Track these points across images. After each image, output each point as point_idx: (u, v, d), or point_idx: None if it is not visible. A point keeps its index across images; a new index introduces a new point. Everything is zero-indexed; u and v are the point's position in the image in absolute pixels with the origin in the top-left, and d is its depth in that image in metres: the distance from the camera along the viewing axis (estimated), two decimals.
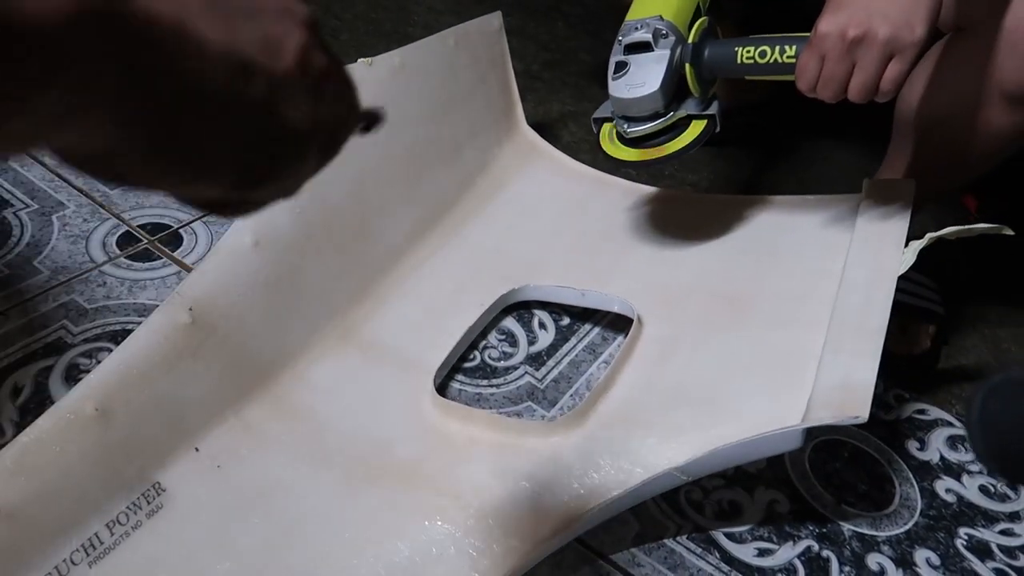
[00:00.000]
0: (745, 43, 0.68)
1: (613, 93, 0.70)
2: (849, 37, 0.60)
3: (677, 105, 0.71)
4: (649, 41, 0.69)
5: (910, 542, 0.66)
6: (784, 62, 0.66)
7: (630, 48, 0.70)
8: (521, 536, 0.59)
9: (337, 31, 1.34)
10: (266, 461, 0.62)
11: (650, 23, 0.69)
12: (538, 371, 0.77)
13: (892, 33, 0.59)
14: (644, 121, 0.71)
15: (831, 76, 0.62)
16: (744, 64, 0.68)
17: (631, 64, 0.69)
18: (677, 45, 0.69)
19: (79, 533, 0.52)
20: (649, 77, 0.68)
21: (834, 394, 0.56)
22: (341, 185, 0.76)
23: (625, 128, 0.72)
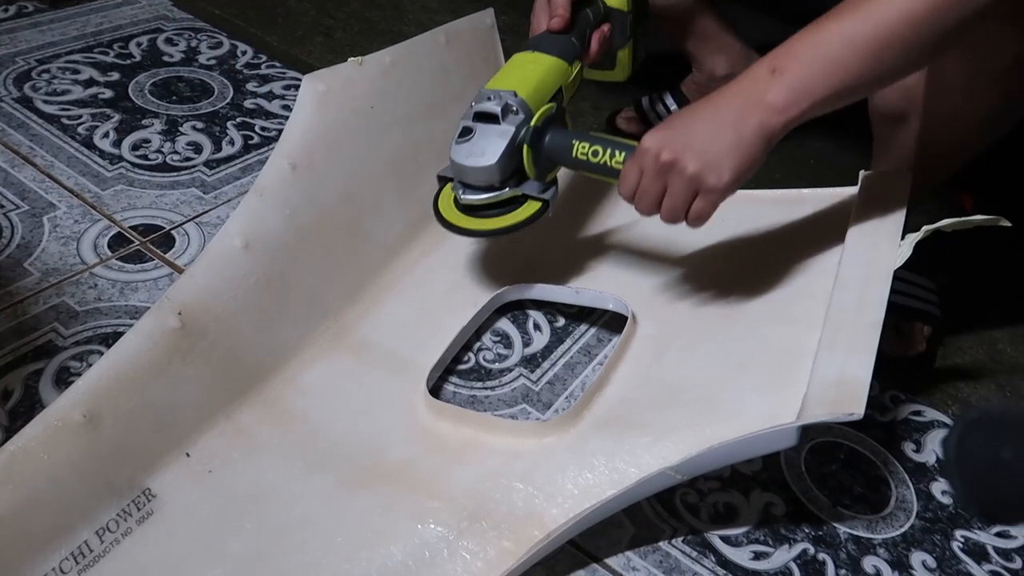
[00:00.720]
0: (583, 139, 0.68)
1: (453, 156, 0.70)
2: (662, 160, 0.61)
3: (516, 182, 0.71)
4: (497, 114, 0.69)
5: (906, 545, 0.66)
6: (612, 166, 0.67)
7: (479, 116, 0.70)
8: (515, 538, 0.58)
9: (331, 30, 1.33)
10: (258, 465, 0.62)
11: (503, 96, 0.69)
12: (533, 373, 0.76)
13: (699, 172, 0.60)
14: (479, 191, 0.70)
15: (645, 192, 0.63)
16: (578, 159, 0.69)
17: (476, 132, 0.69)
18: (524, 123, 0.69)
19: (68, 541, 0.51)
20: (489, 149, 0.68)
21: (829, 391, 0.56)
22: (332, 186, 0.75)
23: (460, 194, 0.71)
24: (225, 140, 1.01)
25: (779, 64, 0.59)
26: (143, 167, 0.94)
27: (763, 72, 0.59)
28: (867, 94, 0.62)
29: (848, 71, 0.58)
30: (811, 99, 0.58)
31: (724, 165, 0.60)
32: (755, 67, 0.60)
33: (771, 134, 0.60)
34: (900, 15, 0.56)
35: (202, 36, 1.24)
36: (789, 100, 0.58)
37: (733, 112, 0.60)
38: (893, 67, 0.59)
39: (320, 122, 0.74)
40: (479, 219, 0.72)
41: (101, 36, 1.19)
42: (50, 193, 0.88)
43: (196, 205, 0.90)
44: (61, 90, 1.05)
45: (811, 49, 0.58)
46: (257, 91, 1.12)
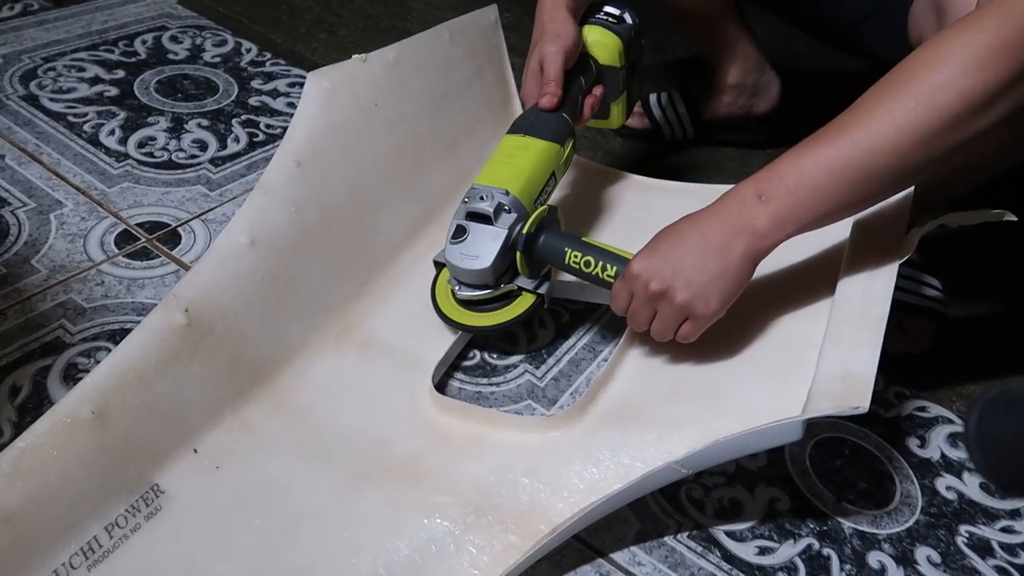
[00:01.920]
0: (575, 247, 0.69)
1: (448, 257, 0.70)
2: (651, 289, 0.63)
3: (509, 278, 0.72)
4: (490, 215, 0.69)
5: (911, 540, 0.66)
6: (603, 279, 0.69)
7: (472, 215, 0.70)
8: (521, 533, 0.59)
9: (335, 26, 1.34)
10: (265, 461, 0.62)
11: (496, 195, 0.70)
12: (538, 369, 0.76)
13: (688, 301, 0.62)
14: (474, 288, 0.72)
15: (635, 314, 0.65)
16: (570, 265, 0.70)
17: (470, 232, 0.70)
18: (517, 223, 0.70)
19: (78, 537, 0.52)
20: (483, 252, 0.69)
21: (834, 385, 0.56)
22: (337, 182, 0.75)
23: (456, 289, 0.72)
24: (230, 137, 1.01)
25: (766, 189, 0.60)
26: (149, 164, 0.95)
27: (750, 195, 0.60)
28: (853, 214, 0.64)
29: (833, 198, 0.58)
30: (797, 224, 0.60)
31: (712, 295, 0.61)
32: (742, 188, 0.61)
33: (757, 257, 0.61)
34: (885, 145, 0.55)
35: (207, 34, 1.25)
36: (775, 225, 0.59)
37: (719, 238, 0.61)
38: (878, 192, 0.60)
39: (325, 119, 0.75)
40: (476, 313, 0.73)
41: (106, 34, 1.20)
42: (57, 190, 0.89)
43: (202, 202, 0.90)
44: (67, 88, 1.06)
45: (797, 175, 0.59)
46: (262, 88, 1.13)
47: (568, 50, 0.75)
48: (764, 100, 1.08)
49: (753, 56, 1.05)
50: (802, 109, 0.63)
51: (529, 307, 0.72)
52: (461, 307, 0.74)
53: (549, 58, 0.74)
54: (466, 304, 0.73)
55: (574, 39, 0.75)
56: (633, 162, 1.09)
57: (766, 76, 1.07)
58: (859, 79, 0.76)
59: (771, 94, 1.08)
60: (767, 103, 1.09)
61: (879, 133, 0.55)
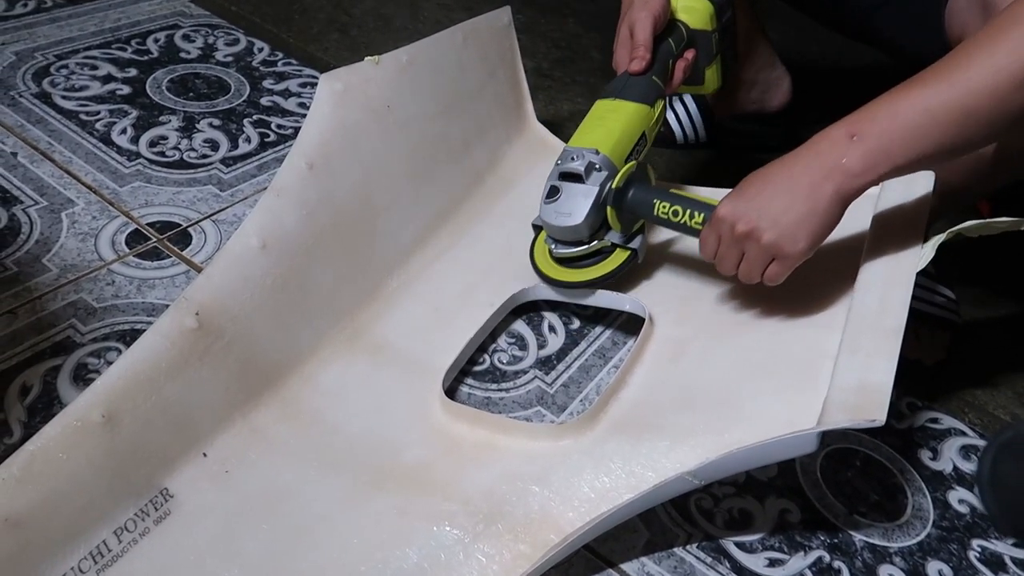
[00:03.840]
0: (663, 198, 0.72)
1: (543, 216, 0.74)
2: (737, 231, 0.63)
3: (603, 234, 0.75)
4: (581, 174, 0.72)
5: (922, 553, 0.65)
6: (691, 226, 0.70)
7: (564, 176, 0.74)
8: (531, 541, 0.58)
9: (347, 26, 1.33)
10: (274, 466, 0.62)
11: (586, 155, 0.72)
12: (548, 375, 0.76)
13: (775, 241, 0.62)
14: (569, 245, 0.75)
15: (724, 257, 0.66)
16: (659, 217, 0.72)
17: (563, 192, 0.73)
18: (607, 181, 0.72)
19: (87, 541, 0.51)
20: (576, 209, 0.72)
21: (850, 396, 0.55)
22: (348, 185, 0.75)
23: (552, 247, 0.76)
24: (242, 137, 1.01)
25: (859, 129, 0.59)
26: (160, 164, 0.95)
27: (841, 136, 0.60)
28: (946, 161, 0.62)
29: (928, 140, 0.58)
30: (889, 164, 0.59)
31: (799, 234, 0.61)
32: (832, 130, 0.61)
33: (847, 198, 0.61)
34: (984, 87, 0.55)
35: (219, 33, 1.24)
36: (867, 165, 0.59)
37: (808, 178, 0.60)
38: (974, 138, 0.59)
39: (337, 121, 0.74)
40: (572, 270, 0.77)
41: (119, 32, 1.20)
42: (68, 189, 0.89)
43: (213, 203, 0.90)
44: (79, 86, 1.06)
45: (891, 116, 0.58)
46: (273, 88, 1.12)
47: (657, 15, 0.76)
48: (776, 96, 1.07)
49: (765, 52, 1.05)
50: (815, 106, 0.62)
51: (623, 262, 0.75)
52: (559, 265, 0.77)
53: (638, 24, 0.76)
54: (562, 262, 0.77)
55: (663, 4, 0.77)
56: None
57: (777, 72, 1.06)
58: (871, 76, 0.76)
59: (783, 90, 1.07)
60: (779, 99, 1.08)
61: (978, 75, 0.55)
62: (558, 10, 1.48)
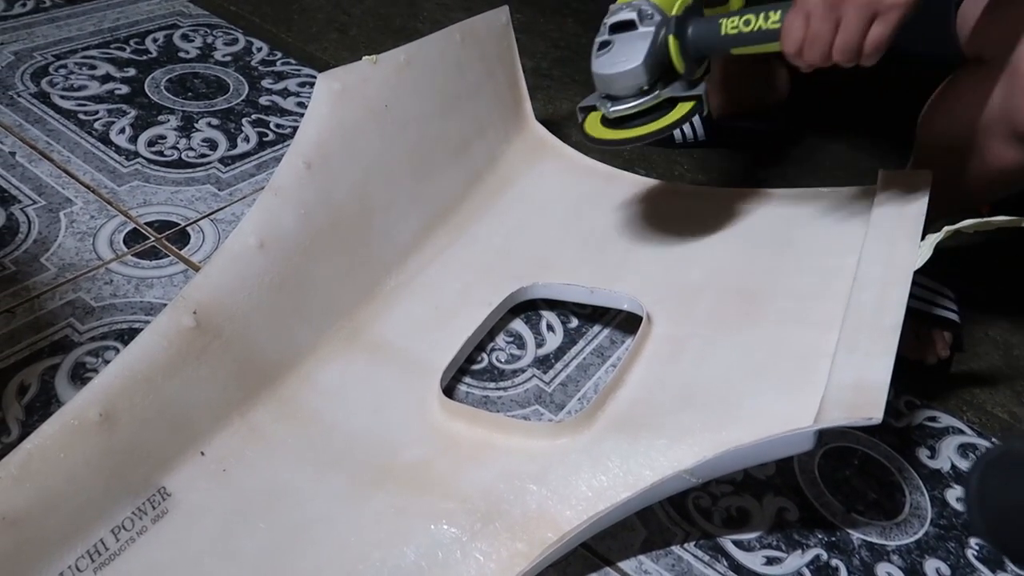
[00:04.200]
0: (729, 14, 0.67)
1: (596, 70, 0.69)
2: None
3: (663, 86, 0.70)
4: (633, 19, 0.68)
5: (920, 552, 0.65)
6: (769, 28, 0.65)
7: (614, 28, 0.69)
8: (528, 540, 0.58)
9: (346, 26, 1.33)
10: (272, 465, 0.62)
11: (635, 4, 0.69)
12: (546, 374, 0.76)
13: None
14: (627, 100, 0.70)
15: (816, 36, 0.60)
16: (729, 35, 0.67)
17: (615, 42, 0.69)
18: (662, 25, 0.68)
19: (84, 539, 0.51)
20: (632, 53, 0.68)
21: (847, 394, 0.55)
22: (346, 185, 0.75)
23: (608, 108, 0.71)
24: (240, 137, 1.01)
25: None
26: (159, 163, 0.95)
27: None
28: None
29: None
30: None
31: None
32: None
33: None
34: None
35: (218, 32, 1.24)
36: None
37: None
38: None
39: (335, 121, 0.74)
40: (631, 128, 0.71)
41: (118, 32, 1.20)
42: (67, 188, 0.89)
43: (211, 202, 0.90)
44: (78, 85, 1.06)
45: None
46: (272, 88, 1.13)
47: None
48: (773, 92, 1.07)
49: None
50: (811, 101, 0.62)
51: (689, 110, 0.71)
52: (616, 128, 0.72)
53: None
54: (619, 123, 0.72)
55: None
56: (643, 165, 1.09)
57: (775, 68, 1.06)
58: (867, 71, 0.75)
59: (780, 86, 1.07)
60: (777, 95, 1.07)
61: None
62: (557, 9, 1.48)
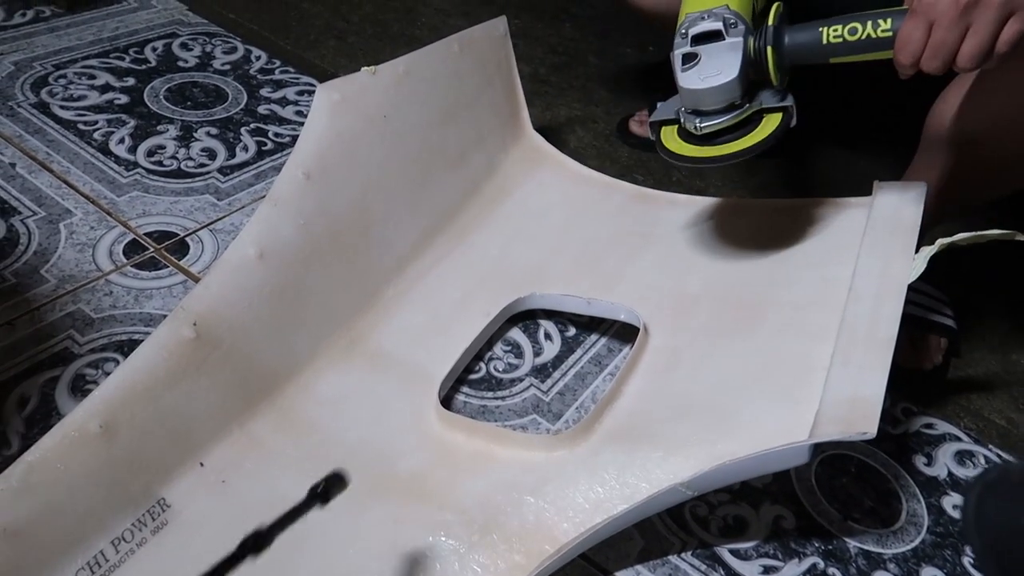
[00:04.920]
0: (830, 22, 0.63)
1: (685, 85, 0.66)
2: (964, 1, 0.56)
3: (750, 98, 0.67)
4: (720, 30, 0.65)
5: (916, 560, 0.65)
6: (879, 36, 0.61)
7: (698, 39, 0.66)
8: (526, 552, 0.59)
9: (344, 33, 1.34)
10: (271, 475, 0.62)
11: (717, 12, 0.66)
12: (543, 383, 0.76)
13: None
14: (718, 115, 0.67)
15: (941, 44, 0.58)
16: (831, 44, 0.63)
17: (702, 54, 0.66)
18: (748, 34, 0.65)
19: (84, 551, 0.52)
20: (725, 66, 0.64)
21: (842, 409, 0.56)
22: (345, 195, 0.75)
23: (697, 124, 0.68)
24: (239, 146, 1.02)
25: None
26: (158, 173, 0.95)
27: None
28: None
29: None
30: None
31: None
32: None
33: None
34: None
35: (216, 41, 1.25)
36: None
37: None
38: None
39: (334, 132, 0.75)
40: (721, 146, 0.68)
41: (117, 41, 1.20)
42: (66, 199, 0.89)
43: (210, 212, 0.90)
44: (78, 95, 1.06)
45: None
46: (271, 96, 1.13)
47: None
48: None
49: None
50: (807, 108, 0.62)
51: (780, 123, 0.67)
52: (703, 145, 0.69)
53: None
54: (706, 140, 0.69)
55: None
56: (641, 172, 1.09)
57: None
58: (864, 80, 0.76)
59: None
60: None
61: None
62: (555, 15, 1.49)
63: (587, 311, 0.80)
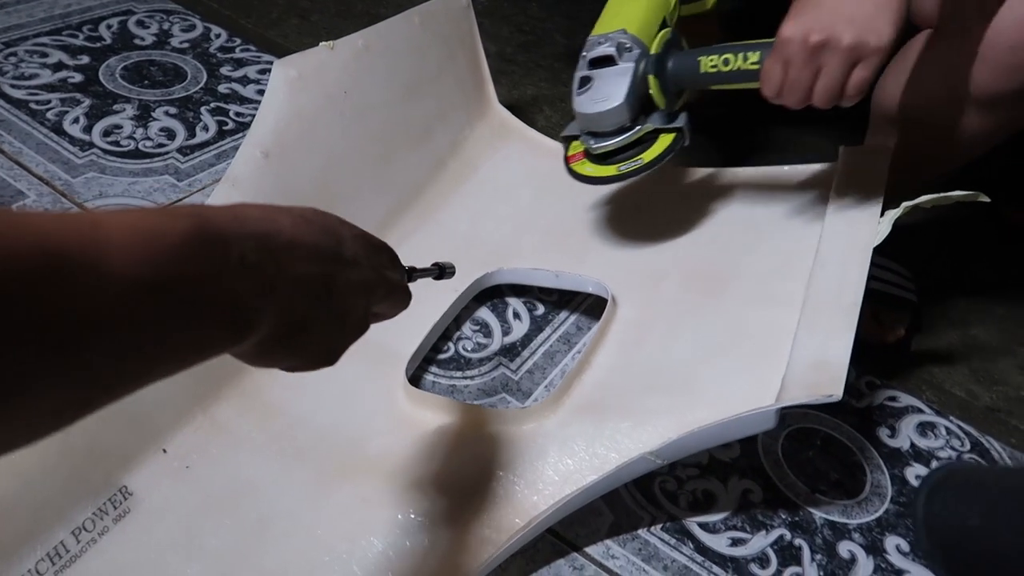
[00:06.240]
0: (708, 52, 0.67)
1: (578, 108, 0.69)
2: (812, 42, 0.59)
3: (644, 119, 0.70)
4: (613, 55, 0.68)
5: (880, 529, 0.66)
6: (747, 68, 0.65)
7: (594, 63, 0.69)
8: (496, 526, 0.59)
9: (307, 12, 1.31)
10: (236, 460, 0.61)
11: (613, 37, 0.69)
12: (512, 362, 0.76)
13: (856, 39, 0.58)
14: (610, 136, 0.70)
15: (795, 82, 0.61)
16: (708, 73, 0.67)
17: (595, 79, 0.69)
18: (641, 58, 0.69)
19: (44, 542, 0.51)
20: (613, 91, 0.68)
21: (808, 374, 0.56)
22: (306, 174, 0.74)
23: (591, 144, 0.71)
24: (199, 126, 0.99)
25: None
26: (115, 154, 0.93)
27: None
28: None
29: None
30: None
31: (880, 24, 0.57)
32: None
33: None
34: None
35: (174, 18, 1.22)
36: None
37: None
38: None
39: (292, 109, 0.73)
40: (616, 164, 0.71)
41: (69, 18, 1.17)
42: (19, 181, 0.86)
43: (170, 193, 0.88)
44: (29, 74, 1.03)
45: None
46: (231, 75, 1.10)
47: None
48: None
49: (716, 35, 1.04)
50: None
51: (671, 143, 0.71)
52: (599, 164, 0.73)
53: None
54: (604, 158, 0.72)
55: None
56: None
57: None
58: None
59: None
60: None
61: None
62: None
63: (555, 284, 0.80)
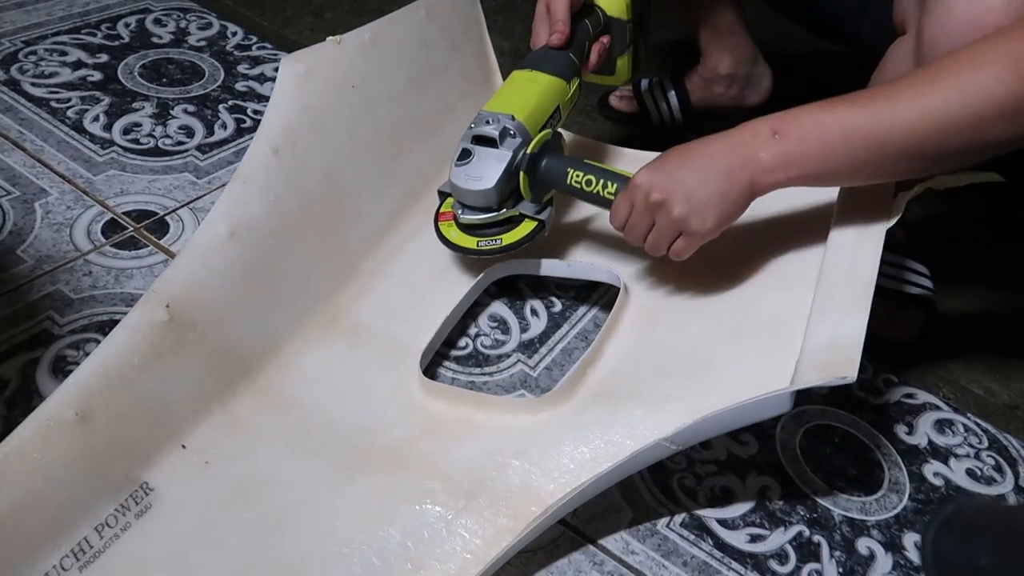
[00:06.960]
0: (577, 167, 0.70)
1: (452, 179, 0.72)
2: (651, 200, 0.64)
3: (513, 203, 0.73)
4: (495, 138, 0.71)
5: (899, 526, 0.66)
6: (604, 196, 0.69)
7: (477, 139, 0.72)
8: (513, 515, 0.59)
9: (321, 9, 1.32)
10: (254, 454, 0.62)
11: (501, 120, 0.71)
12: (531, 359, 0.76)
13: (685, 215, 0.62)
14: (478, 212, 0.73)
15: (634, 225, 0.66)
16: (572, 186, 0.71)
17: (475, 155, 0.71)
18: (521, 148, 0.71)
19: (68, 539, 0.51)
20: (487, 173, 0.70)
21: (822, 355, 0.55)
22: (316, 169, 0.74)
23: (459, 213, 0.74)
24: (217, 124, 1.00)
25: (782, 128, 0.60)
26: (135, 151, 0.93)
27: (765, 130, 0.60)
28: (859, 183, 0.63)
29: (838, 158, 0.58)
30: (799, 170, 0.59)
31: (709, 213, 0.62)
32: (758, 122, 0.61)
33: (758, 190, 0.62)
34: (905, 125, 0.55)
35: (191, 16, 1.23)
36: (779, 164, 0.60)
37: (726, 162, 0.61)
38: (880, 168, 0.59)
39: (301, 104, 0.73)
40: (478, 237, 0.75)
41: (88, 16, 1.18)
42: (41, 179, 0.87)
43: (189, 190, 0.89)
44: (49, 72, 1.04)
45: (813, 125, 0.59)
46: (248, 73, 1.11)
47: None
48: (756, 92, 1.07)
49: (747, 47, 1.04)
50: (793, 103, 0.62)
51: (531, 231, 0.74)
52: (464, 232, 0.75)
53: (555, 1, 0.75)
54: (469, 229, 0.75)
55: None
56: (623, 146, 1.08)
57: (759, 68, 1.06)
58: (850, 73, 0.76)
59: (763, 86, 1.07)
60: (758, 95, 1.07)
61: (903, 111, 0.55)
62: None
63: (567, 273, 0.80)
